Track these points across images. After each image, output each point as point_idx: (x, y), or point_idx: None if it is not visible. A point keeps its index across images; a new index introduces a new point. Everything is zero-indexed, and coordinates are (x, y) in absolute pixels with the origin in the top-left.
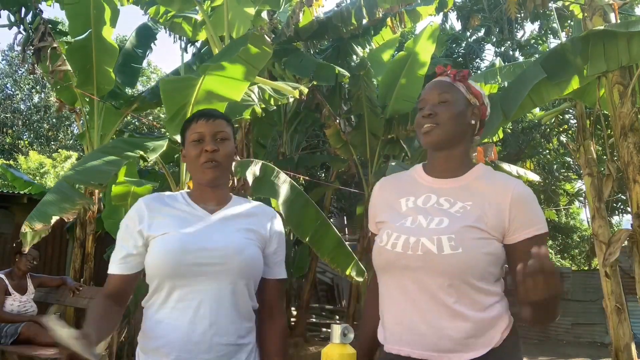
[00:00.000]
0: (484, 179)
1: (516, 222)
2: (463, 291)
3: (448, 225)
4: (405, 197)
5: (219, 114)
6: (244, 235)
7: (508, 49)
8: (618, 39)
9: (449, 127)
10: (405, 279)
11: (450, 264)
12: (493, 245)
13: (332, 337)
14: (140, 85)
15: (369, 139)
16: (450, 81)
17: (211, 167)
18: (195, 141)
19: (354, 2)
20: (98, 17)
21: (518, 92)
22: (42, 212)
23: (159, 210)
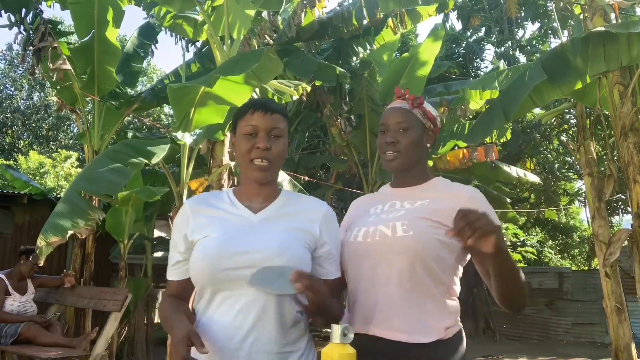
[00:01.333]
0: (441, 184)
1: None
2: (419, 277)
3: (403, 215)
4: (374, 206)
5: (277, 107)
6: (289, 235)
7: (508, 49)
8: (618, 39)
9: (409, 153)
10: (364, 265)
11: (402, 244)
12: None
13: (332, 337)
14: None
15: (369, 139)
16: (409, 108)
17: (261, 165)
18: (248, 134)
19: (354, 3)
20: (102, 17)
21: (518, 93)
22: (56, 225)
23: (202, 212)
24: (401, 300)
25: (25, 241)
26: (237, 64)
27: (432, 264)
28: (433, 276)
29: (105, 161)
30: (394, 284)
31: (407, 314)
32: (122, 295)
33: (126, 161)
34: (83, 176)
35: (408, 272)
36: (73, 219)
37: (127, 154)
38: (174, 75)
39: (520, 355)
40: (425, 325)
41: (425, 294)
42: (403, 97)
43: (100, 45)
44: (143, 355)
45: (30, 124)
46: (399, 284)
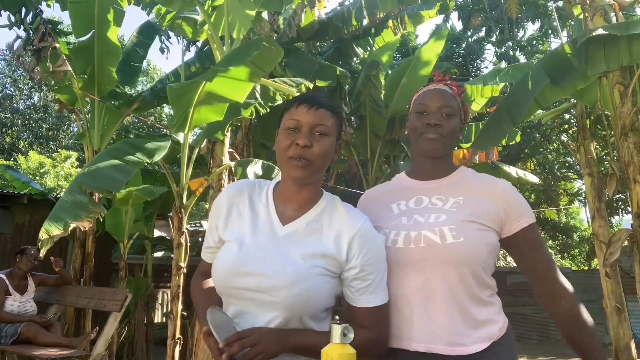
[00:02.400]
0: (469, 177)
1: (511, 212)
2: (468, 283)
3: (447, 219)
4: (396, 202)
5: (325, 102)
6: (309, 261)
7: (508, 49)
8: (619, 39)
9: (449, 140)
10: (409, 274)
11: (454, 252)
12: (491, 237)
13: (332, 337)
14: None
15: (370, 139)
16: (452, 93)
17: (299, 164)
18: (289, 129)
19: (354, 3)
20: (102, 17)
21: (523, 98)
22: (58, 219)
23: (237, 206)
24: (452, 311)
25: (25, 241)
26: (237, 55)
27: (481, 271)
28: (481, 282)
29: (106, 158)
30: (443, 295)
31: (459, 325)
32: (122, 295)
33: (127, 159)
34: (84, 172)
35: (459, 281)
36: (75, 212)
37: (128, 152)
38: (173, 75)
39: (520, 355)
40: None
41: (476, 302)
42: (445, 82)
43: (100, 44)
44: (143, 355)
45: (30, 124)
46: (450, 295)
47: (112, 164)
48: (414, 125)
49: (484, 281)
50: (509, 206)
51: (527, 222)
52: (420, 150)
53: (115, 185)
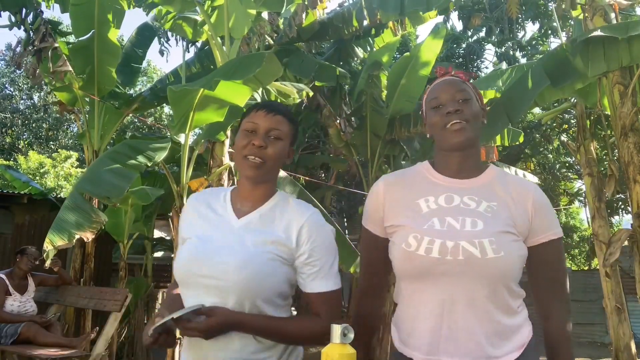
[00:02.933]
0: (501, 180)
1: (537, 224)
2: (501, 296)
3: (484, 228)
4: (423, 198)
5: (282, 109)
6: (261, 247)
7: (509, 49)
8: (618, 39)
9: (474, 125)
10: (441, 285)
11: (494, 267)
12: (524, 248)
13: (332, 337)
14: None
15: (370, 139)
16: (461, 80)
17: (253, 163)
18: (247, 130)
19: (355, 3)
20: (103, 18)
21: (522, 98)
22: (62, 229)
23: (198, 210)
24: (483, 325)
25: (25, 241)
26: (239, 68)
27: (513, 283)
28: (513, 293)
29: (107, 162)
30: (477, 308)
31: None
32: (122, 295)
33: (128, 162)
34: (85, 178)
35: (494, 295)
36: (78, 222)
37: (129, 155)
38: (173, 76)
39: None
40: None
41: (508, 314)
42: (450, 74)
43: (100, 45)
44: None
45: (30, 124)
46: (483, 309)
47: (112, 168)
48: (433, 121)
49: (515, 292)
50: (539, 216)
51: (553, 236)
52: (446, 144)
53: (116, 191)
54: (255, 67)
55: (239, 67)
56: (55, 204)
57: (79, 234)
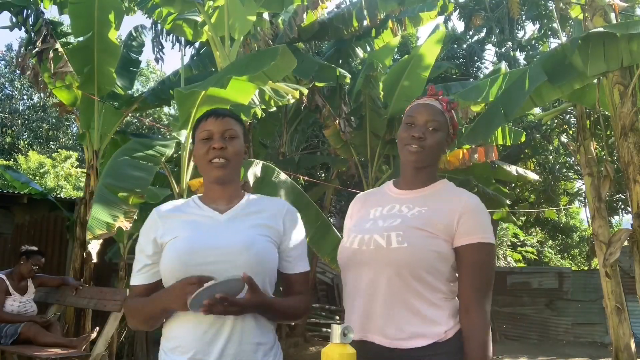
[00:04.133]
0: (444, 190)
1: (463, 227)
2: (411, 285)
3: (399, 224)
4: (374, 208)
5: (228, 112)
6: (256, 231)
7: (509, 50)
8: (618, 39)
9: (431, 153)
10: (361, 272)
11: (397, 256)
12: (440, 245)
13: (332, 337)
14: (140, 84)
15: (370, 139)
16: (441, 109)
17: (219, 164)
18: (204, 139)
19: (354, 4)
20: (102, 17)
21: (519, 95)
22: (99, 221)
23: (170, 217)
24: (395, 309)
25: (25, 241)
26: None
27: (425, 275)
28: (427, 285)
29: (125, 159)
30: (388, 294)
31: (401, 321)
32: (122, 295)
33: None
34: (108, 174)
35: (401, 282)
36: (112, 213)
37: (142, 150)
38: (174, 77)
39: (520, 355)
40: (422, 331)
41: (420, 302)
42: (436, 97)
43: (100, 44)
44: (143, 355)
45: (30, 124)
46: (393, 294)
47: (132, 162)
48: (401, 136)
49: (432, 284)
50: (464, 220)
51: (475, 240)
52: (403, 159)
53: (142, 184)
54: (269, 61)
55: (251, 62)
56: (55, 204)
57: (117, 224)
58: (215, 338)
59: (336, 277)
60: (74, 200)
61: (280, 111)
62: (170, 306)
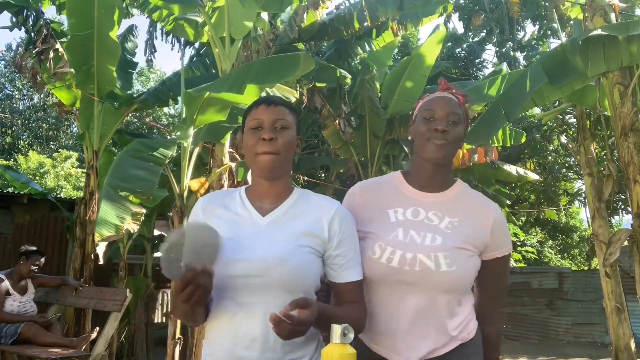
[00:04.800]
0: (465, 196)
1: (494, 241)
2: (451, 305)
3: (442, 244)
4: (392, 209)
5: (281, 101)
6: (295, 241)
7: (509, 50)
8: (618, 39)
9: (454, 148)
10: (403, 292)
11: (446, 280)
12: (478, 262)
13: (332, 337)
14: (140, 85)
15: (369, 139)
16: (458, 102)
17: (267, 156)
18: (253, 128)
19: (355, 5)
20: (102, 16)
21: (520, 96)
22: (107, 222)
23: (212, 212)
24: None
25: (25, 241)
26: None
27: (465, 295)
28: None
29: (129, 160)
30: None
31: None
32: (122, 295)
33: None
34: (113, 175)
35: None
36: (119, 215)
37: (147, 152)
38: (175, 78)
39: (520, 355)
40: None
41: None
42: (450, 90)
43: (99, 44)
44: (143, 355)
45: (30, 124)
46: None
47: (137, 164)
48: (420, 131)
49: (466, 297)
50: (496, 235)
51: (505, 252)
52: (425, 155)
53: (148, 185)
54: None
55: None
56: (55, 204)
57: (125, 226)
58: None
59: None
60: (74, 200)
61: None
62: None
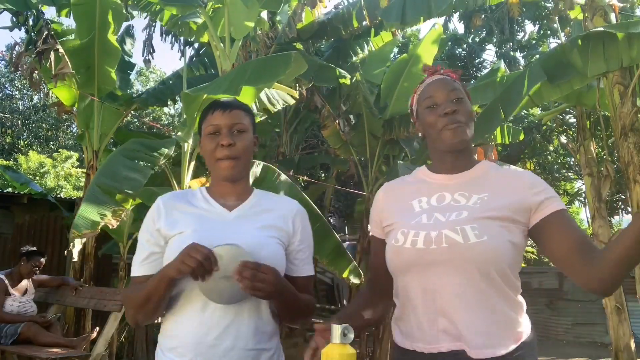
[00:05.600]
0: (493, 171)
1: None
2: (497, 282)
3: (468, 216)
4: (417, 199)
5: (236, 103)
6: (264, 232)
7: (509, 50)
8: (618, 39)
9: (469, 125)
10: (429, 276)
11: (478, 252)
12: (517, 234)
13: (332, 337)
14: (140, 85)
15: (368, 139)
16: (452, 78)
17: (228, 162)
18: (211, 134)
19: (354, 4)
20: (103, 19)
21: (518, 94)
22: (85, 219)
23: (176, 207)
24: (480, 312)
25: (25, 241)
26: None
27: (509, 270)
28: (508, 281)
29: (121, 159)
30: (470, 296)
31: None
32: (122, 295)
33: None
34: (102, 173)
35: (486, 281)
36: (100, 212)
37: (141, 151)
38: (175, 78)
39: None
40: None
41: (507, 303)
42: (438, 73)
43: (100, 46)
44: (143, 355)
45: (30, 124)
46: (478, 296)
47: (127, 163)
48: (429, 121)
49: (512, 281)
50: (537, 192)
51: (558, 207)
52: (443, 145)
53: (135, 185)
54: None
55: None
56: (55, 204)
57: (103, 222)
58: (217, 342)
59: (336, 277)
60: (74, 200)
61: (279, 111)
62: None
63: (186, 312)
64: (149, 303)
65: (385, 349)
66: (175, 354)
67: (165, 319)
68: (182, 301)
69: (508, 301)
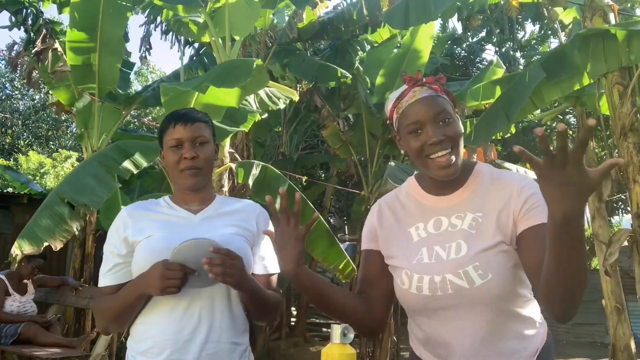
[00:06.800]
0: (487, 181)
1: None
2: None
3: (467, 252)
4: (414, 226)
5: (197, 116)
6: (230, 230)
7: (509, 50)
8: (618, 39)
9: (459, 150)
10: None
11: (485, 292)
12: (512, 254)
13: (332, 337)
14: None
15: (367, 139)
16: (436, 92)
17: (191, 173)
18: (173, 147)
19: (354, 4)
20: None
21: (520, 95)
22: (33, 235)
23: (141, 216)
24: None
25: None
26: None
27: (517, 291)
28: (517, 301)
29: (92, 167)
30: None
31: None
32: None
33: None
34: (67, 181)
35: (497, 314)
36: (49, 228)
37: (115, 159)
38: (174, 77)
39: None
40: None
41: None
42: (421, 83)
43: (103, 43)
44: None
45: (30, 124)
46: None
47: (96, 173)
48: (413, 148)
49: (523, 301)
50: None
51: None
52: (432, 174)
53: (95, 199)
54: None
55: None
56: None
57: (47, 242)
58: (192, 336)
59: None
60: None
61: (278, 111)
62: (148, 290)
63: (156, 315)
64: (123, 315)
65: (385, 349)
66: (151, 354)
67: (133, 323)
68: (152, 304)
69: (522, 319)
